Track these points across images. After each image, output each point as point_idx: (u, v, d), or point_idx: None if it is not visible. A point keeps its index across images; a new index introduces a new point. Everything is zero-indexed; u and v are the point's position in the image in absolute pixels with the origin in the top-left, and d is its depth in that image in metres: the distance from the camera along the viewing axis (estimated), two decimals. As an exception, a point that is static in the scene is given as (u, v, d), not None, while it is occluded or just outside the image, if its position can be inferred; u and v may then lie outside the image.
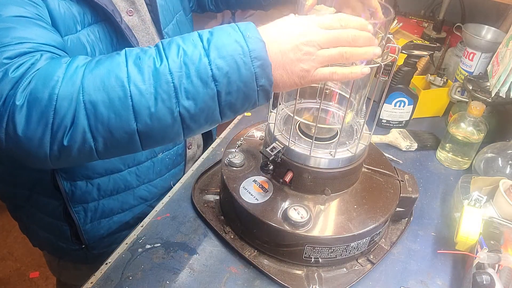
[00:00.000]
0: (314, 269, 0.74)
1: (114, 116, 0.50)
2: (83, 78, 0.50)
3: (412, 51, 1.07)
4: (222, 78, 0.50)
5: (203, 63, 0.50)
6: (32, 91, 0.50)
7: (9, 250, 1.92)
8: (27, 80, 0.50)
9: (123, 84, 0.50)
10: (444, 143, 1.05)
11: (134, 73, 0.50)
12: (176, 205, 0.85)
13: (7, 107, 0.50)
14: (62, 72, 0.50)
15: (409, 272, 0.77)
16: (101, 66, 0.51)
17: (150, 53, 0.52)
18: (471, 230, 0.74)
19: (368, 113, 0.73)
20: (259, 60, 0.50)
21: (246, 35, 0.51)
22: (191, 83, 0.50)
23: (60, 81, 0.50)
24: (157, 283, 0.70)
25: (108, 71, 0.50)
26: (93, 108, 0.50)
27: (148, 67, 0.50)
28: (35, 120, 0.50)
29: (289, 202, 0.72)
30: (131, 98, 0.50)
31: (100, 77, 0.50)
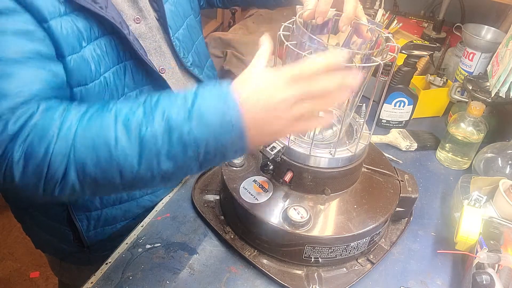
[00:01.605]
0: (314, 269, 0.74)
1: (101, 173, 0.54)
2: (75, 137, 0.54)
3: (412, 51, 1.07)
4: (201, 143, 0.53)
5: (185, 129, 0.53)
6: (29, 146, 0.54)
7: (9, 250, 1.92)
8: (25, 134, 0.54)
9: (110, 149, 0.53)
10: (444, 143, 1.05)
11: (122, 136, 0.53)
12: (176, 205, 0.85)
13: (5, 158, 0.54)
14: (57, 128, 0.54)
15: (409, 272, 0.77)
16: (92, 126, 0.54)
17: (138, 114, 0.54)
18: (471, 230, 0.74)
19: (368, 113, 0.73)
20: (237, 128, 0.53)
21: (227, 103, 0.53)
22: (172, 147, 0.53)
23: (55, 138, 0.54)
24: (157, 283, 0.70)
25: (98, 132, 0.54)
26: (82, 166, 0.54)
27: (135, 131, 0.53)
28: (30, 172, 0.54)
29: (289, 202, 0.72)
30: (117, 160, 0.54)
31: (91, 138, 0.54)
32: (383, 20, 1.38)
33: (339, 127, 0.76)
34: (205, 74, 0.96)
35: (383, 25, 1.36)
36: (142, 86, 0.79)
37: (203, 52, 0.96)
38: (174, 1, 0.85)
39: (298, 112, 0.53)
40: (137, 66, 0.76)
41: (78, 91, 0.68)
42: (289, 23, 0.68)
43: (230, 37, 2.14)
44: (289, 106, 0.52)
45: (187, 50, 0.89)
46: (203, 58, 0.97)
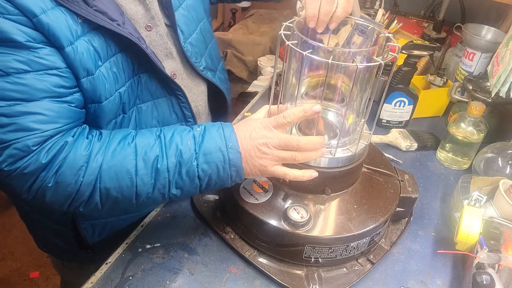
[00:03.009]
0: (314, 269, 0.74)
1: (121, 197, 0.65)
2: (101, 169, 0.63)
3: (412, 51, 1.07)
4: (205, 177, 0.66)
5: (193, 165, 0.65)
6: (61, 177, 0.62)
7: (9, 250, 1.92)
8: (56, 165, 0.62)
9: (132, 177, 0.64)
10: (444, 143, 1.05)
11: (141, 168, 0.64)
12: (176, 205, 0.85)
13: (39, 184, 0.62)
14: (85, 162, 0.63)
15: (409, 272, 0.77)
16: (116, 159, 0.63)
17: (155, 150, 0.65)
18: (471, 230, 0.73)
19: (368, 113, 0.73)
20: (235, 167, 0.66)
21: (228, 145, 0.65)
22: (181, 178, 0.65)
23: (84, 171, 0.62)
24: (157, 283, 0.70)
25: (121, 165, 0.63)
26: (106, 192, 0.64)
27: (152, 164, 0.64)
28: (61, 196, 0.63)
29: (289, 202, 0.72)
30: (136, 187, 0.64)
31: (115, 170, 0.63)
32: (383, 20, 1.38)
33: (339, 127, 0.76)
34: (218, 77, 0.96)
35: (383, 25, 1.36)
36: (155, 97, 0.79)
37: (215, 55, 0.96)
38: (187, 6, 0.83)
39: (281, 155, 0.66)
40: (150, 77, 0.77)
41: (92, 107, 0.69)
42: (290, 22, 0.68)
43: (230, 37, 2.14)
44: (272, 148, 0.66)
45: (200, 54, 0.88)
46: (216, 61, 0.96)
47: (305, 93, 0.80)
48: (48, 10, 0.59)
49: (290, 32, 0.66)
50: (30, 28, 0.58)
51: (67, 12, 0.62)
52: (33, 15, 0.58)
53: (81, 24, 0.64)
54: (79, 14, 0.63)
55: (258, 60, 1.95)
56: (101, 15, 0.65)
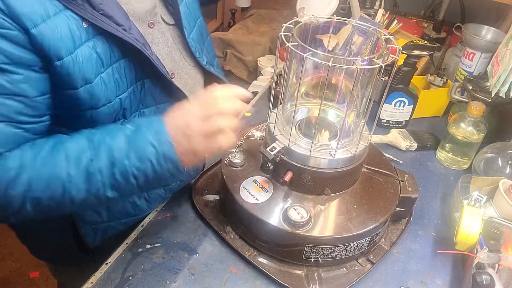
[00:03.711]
0: (314, 269, 0.74)
1: (54, 204, 0.62)
2: (31, 181, 0.60)
3: (412, 51, 1.07)
4: (141, 175, 0.62)
5: (124, 164, 0.61)
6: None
7: (9, 250, 1.92)
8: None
9: (64, 184, 0.61)
10: (444, 143, 1.05)
11: (73, 175, 0.61)
12: (176, 205, 0.85)
13: None
14: (15, 174, 0.59)
15: (409, 272, 0.77)
16: (46, 168, 0.60)
17: (86, 153, 0.61)
18: (471, 230, 0.74)
19: (368, 113, 0.73)
20: (170, 160, 0.62)
21: (159, 139, 0.62)
22: (115, 179, 0.62)
23: (13, 182, 0.59)
24: (157, 283, 0.70)
25: (53, 172, 0.60)
26: (38, 201, 0.61)
27: (84, 167, 0.61)
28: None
29: (289, 202, 0.73)
30: (69, 193, 0.61)
31: (46, 178, 0.60)
32: (383, 20, 1.38)
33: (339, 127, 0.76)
34: (218, 72, 0.96)
35: (383, 25, 1.36)
36: (159, 102, 0.79)
37: (211, 51, 0.97)
38: (186, 3, 0.84)
39: (207, 128, 0.63)
40: (154, 83, 0.76)
41: (88, 113, 0.68)
42: (290, 23, 0.68)
43: (230, 37, 2.14)
44: (199, 125, 0.62)
45: (201, 49, 0.88)
46: (212, 57, 0.97)
47: (305, 93, 0.80)
48: (50, 17, 0.58)
49: (290, 34, 0.66)
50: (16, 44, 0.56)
51: (72, 17, 0.60)
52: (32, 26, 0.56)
53: (85, 29, 0.62)
54: (85, 18, 0.61)
55: (258, 60, 1.95)
56: (107, 19, 0.64)
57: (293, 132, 0.72)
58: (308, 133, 0.75)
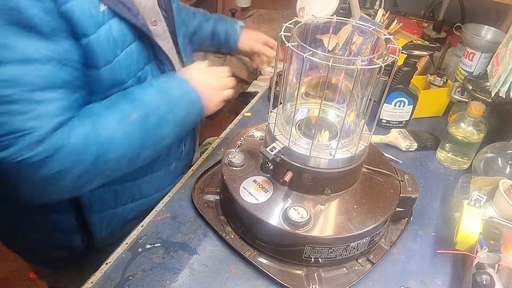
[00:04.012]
0: (314, 269, 0.74)
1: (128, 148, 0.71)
2: (110, 138, 0.68)
3: (412, 51, 1.07)
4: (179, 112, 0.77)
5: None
6: (75, 155, 0.65)
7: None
8: (68, 147, 0.63)
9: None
10: (444, 143, 1.05)
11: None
12: (176, 205, 0.86)
13: (57, 168, 0.63)
14: (93, 136, 0.66)
15: (409, 272, 0.77)
16: (105, 128, 0.68)
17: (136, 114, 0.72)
18: (471, 230, 0.74)
19: (368, 113, 0.73)
20: (198, 103, 0.80)
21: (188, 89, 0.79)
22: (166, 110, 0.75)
23: (92, 143, 0.66)
24: (157, 283, 0.70)
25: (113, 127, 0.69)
26: (116, 159, 0.69)
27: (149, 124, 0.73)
28: (77, 174, 0.66)
29: (289, 202, 0.73)
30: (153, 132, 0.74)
31: (119, 141, 0.69)
32: (383, 20, 1.38)
33: (339, 127, 0.76)
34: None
35: (383, 25, 1.36)
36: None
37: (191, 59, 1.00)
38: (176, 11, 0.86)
39: (218, 84, 0.85)
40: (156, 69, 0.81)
41: (114, 91, 0.73)
42: (290, 23, 0.68)
43: (230, 37, 2.13)
44: (216, 81, 0.85)
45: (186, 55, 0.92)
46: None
47: (305, 93, 0.80)
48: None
49: (290, 34, 0.66)
50: (56, 17, 0.60)
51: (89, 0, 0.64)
52: (63, 2, 0.60)
53: (101, 13, 0.66)
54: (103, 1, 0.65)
55: (258, 60, 1.95)
56: (121, 4, 0.68)
57: (293, 132, 0.72)
58: (308, 133, 0.75)
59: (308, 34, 0.74)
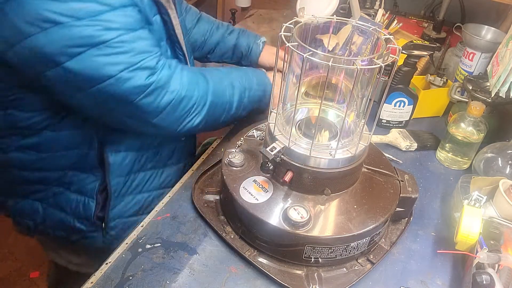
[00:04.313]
0: (314, 269, 0.74)
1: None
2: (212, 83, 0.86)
3: (412, 51, 1.07)
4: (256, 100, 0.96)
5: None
6: (187, 83, 0.82)
7: (9, 250, 1.92)
8: (180, 75, 0.81)
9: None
10: (444, 143, 1.05)
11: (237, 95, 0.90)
12: (176, 205, 0.86)
13: (171, 96, 0.79)
14: (200, 72, 0.86)
15: (409, 272, 0.77)
16: (221, 80, 0.88)
17: (245, 83, 0.93)
18: (471, 230, 0.74)
19: (368, 113, 0.73)
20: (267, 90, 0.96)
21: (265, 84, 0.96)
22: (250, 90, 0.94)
23: (202, 78, 0.85)
24: (157, 283, 0.70)
25: (224, 82, 0.89)
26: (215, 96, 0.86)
27: (243, 89, 0.92)
28: (192, 101, 0.83)
29: (289, 202, 0.73)
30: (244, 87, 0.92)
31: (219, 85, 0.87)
32: (383, 20, 1.38)
33: (339, 127, 0.76)
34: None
35: (383, 25, 1.36)
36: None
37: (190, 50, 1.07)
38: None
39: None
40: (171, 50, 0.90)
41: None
42: (290, 23, 0.68)
43: (230, 37, 2.13)
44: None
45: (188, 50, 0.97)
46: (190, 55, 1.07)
47: (305, 93, 0.80)
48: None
49: (290, 34, 0.66)
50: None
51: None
52: None
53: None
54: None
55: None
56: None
57: (293, 132, 0.72)
58: (308, 133, 0.75)
59: (308, 34, 0.74)
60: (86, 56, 0.68)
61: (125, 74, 0.71)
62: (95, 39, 0.68)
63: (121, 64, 0.71)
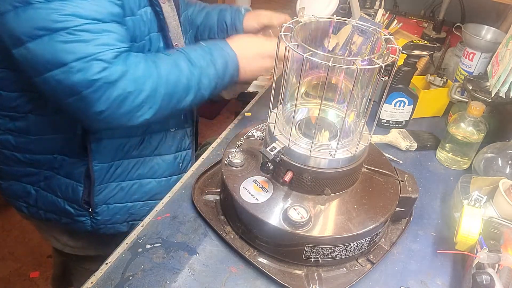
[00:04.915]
0: (314, 269, 0.74)
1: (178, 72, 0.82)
2: (158, 76, 0.79)
3: (412, 51, 1.07)
4: (218, 68, 0.87)
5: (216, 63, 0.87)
6: (137, 79, 0.76)
7: (9, 250, 1.92)
8: (131, 72, 0.75)
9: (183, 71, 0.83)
10: (444, 143, 1.05)
11: (188, 68, 0.83)
12: (176, 205, 0.86)
13: (119, 92, 0.74)
14: (152, 63, 0.79)
15: (409, 272, 0.77)
16: (165, 63, 0.81)
17: (195, 60, 0.85)
18: (471, 230, 0.74)
19: (368, 113, 0.73)
20: (234, 64, 0.89)
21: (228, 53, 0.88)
22: (212, 67, 0.86)
23: (153, 69, 0.78)
24: (157, 283, 0.70)
25: (171, 65, 0.82)
26: (166, 76, 0.80)
27: (198, 64, 0.84)
28: (140, 98, 0.78)
29: (289, 202, 0.73)
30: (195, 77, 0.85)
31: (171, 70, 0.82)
32: (383, 20, 1.38)
33: (339, 127, 0.76)
34: None
35: (383, 25, 1.36)
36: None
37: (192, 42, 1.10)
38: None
39: (262, 51, 0.91)
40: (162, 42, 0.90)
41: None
42: (290, 23, 0.68)
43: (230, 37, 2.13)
44: (256, 47, 0.92)
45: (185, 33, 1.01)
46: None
47: (305, 93, 0.80)
48: None
49: (290, 34, 0.66)
50: None
51: None
52: None
53: None
54: None
55: (258, 60, 1.95)
56: None
57: (293, 132, 0.72)
58: (308, 133, 0.75)
59: (308, 34, 0.74)
60: (46, 39, 0.68)
61: (78, 64, 0.70)
62: (58, 24, 0.68)
63: (76, 53, 0.69)
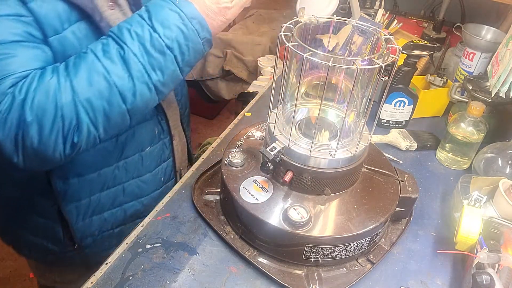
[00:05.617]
0: (314, 269, 0.74)
1: (107, 105, 0.64)
2: (72, 84, 0.62)
3: (412, 51, 1.07)
4: (173, 44, 0.65)
5: (154, 38, 0.64)
6: (39, 107, 0.60)
7: (9, 250, 1.91)
8: (31, 98, 0.60)
9: (105, 77, 0.63)
10: (444, 143, 1.05)
11: (109, 65, 0.63)
12: (176, 205, 0.85)
13: (20, 125, 0.60)
14: (55, 83, 0.61)
15: (409, 272, 0.77)
16: (81, 70, 0.63)
17: (111, 44, 0.64)
18: (471, 230, 0.74)
19: (368, 113, 0.73)
20: (195, 19, 0.66)
21: (175, 2, 0.66)
22: (152, 57, 0.64)
23: (58, 91, 0.61)
24: (157, 283, 0.70)
25: (89, 71, 0.63)
26: (89, 104, 0.63)
27: (117, 57, 0.63)
28: (47, 129, 0.62)
29: (289, 202, 0.73)
30: (115, 85, 0.63)
31: (85, 78, 0.62)
32: (383, 20, 1.38)
33: (339, 127, 0.76)
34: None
35: (383, 25, 1.36)
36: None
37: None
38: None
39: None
40: None
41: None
42: (290, 23, 0.68)
43: (230, 37, 2.14)
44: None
45: None
46: None
47: (305, 93, 0.80)
48: None
49: (290, 34, 0.66)
50: None
51: None
52: None
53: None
54: None
55: (258, 60, 1.95)
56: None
57: (293, 132, 0.72)
58: (308, 133, 0.75)
59: (308, 34, 0.74)
60: None
61: None
62: None
63: None
